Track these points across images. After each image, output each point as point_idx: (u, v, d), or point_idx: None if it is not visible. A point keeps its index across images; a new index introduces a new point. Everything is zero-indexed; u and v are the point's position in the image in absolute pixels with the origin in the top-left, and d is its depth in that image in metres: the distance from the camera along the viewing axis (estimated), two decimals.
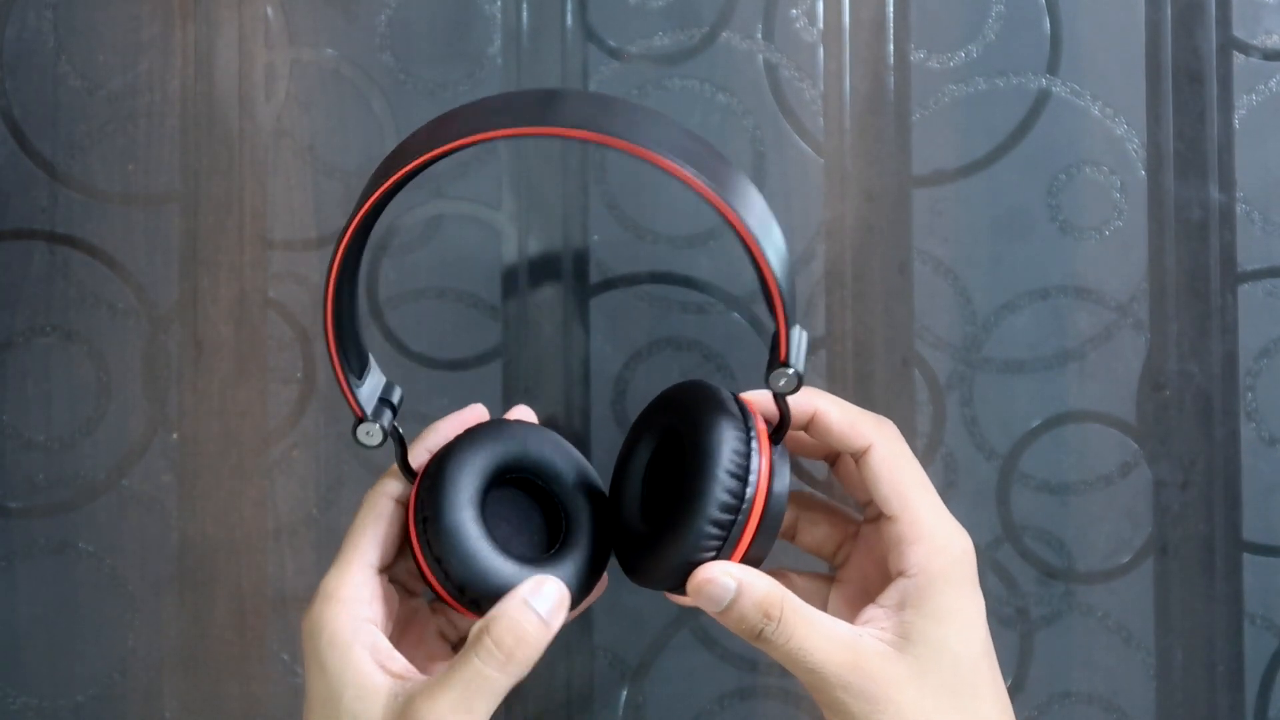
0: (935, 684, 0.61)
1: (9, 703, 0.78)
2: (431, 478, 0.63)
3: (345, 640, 0.61)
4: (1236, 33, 0.79)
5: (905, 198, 0.79)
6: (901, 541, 0.63)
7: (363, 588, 0.62)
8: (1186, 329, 0.79)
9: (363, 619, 0.62)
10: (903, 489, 0.64)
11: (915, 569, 0.62)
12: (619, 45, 0.79)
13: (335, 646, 0.61)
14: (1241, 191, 0.79)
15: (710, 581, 0.60)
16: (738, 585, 0.60)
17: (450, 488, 0.62)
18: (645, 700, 0.79)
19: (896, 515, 0.64)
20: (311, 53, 0.79)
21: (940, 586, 0.62)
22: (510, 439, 0.64)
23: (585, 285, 0.79)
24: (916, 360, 0.79)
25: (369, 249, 0.79)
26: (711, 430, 0.61)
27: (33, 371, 0.79)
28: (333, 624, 0.61)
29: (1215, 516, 0.78)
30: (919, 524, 0.63)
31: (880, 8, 0.79)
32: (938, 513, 0.64)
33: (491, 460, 0.63)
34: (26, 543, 0.79)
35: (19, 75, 0.79)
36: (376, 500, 0.64)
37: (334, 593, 0.62)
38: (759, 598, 0.60)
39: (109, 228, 0.79)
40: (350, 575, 0.62)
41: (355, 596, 0.62)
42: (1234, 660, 0.78)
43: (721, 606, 0.60)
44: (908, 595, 0.62)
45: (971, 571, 0.63)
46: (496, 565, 0.61)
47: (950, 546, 0.63)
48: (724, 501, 0.60)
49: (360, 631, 0.61)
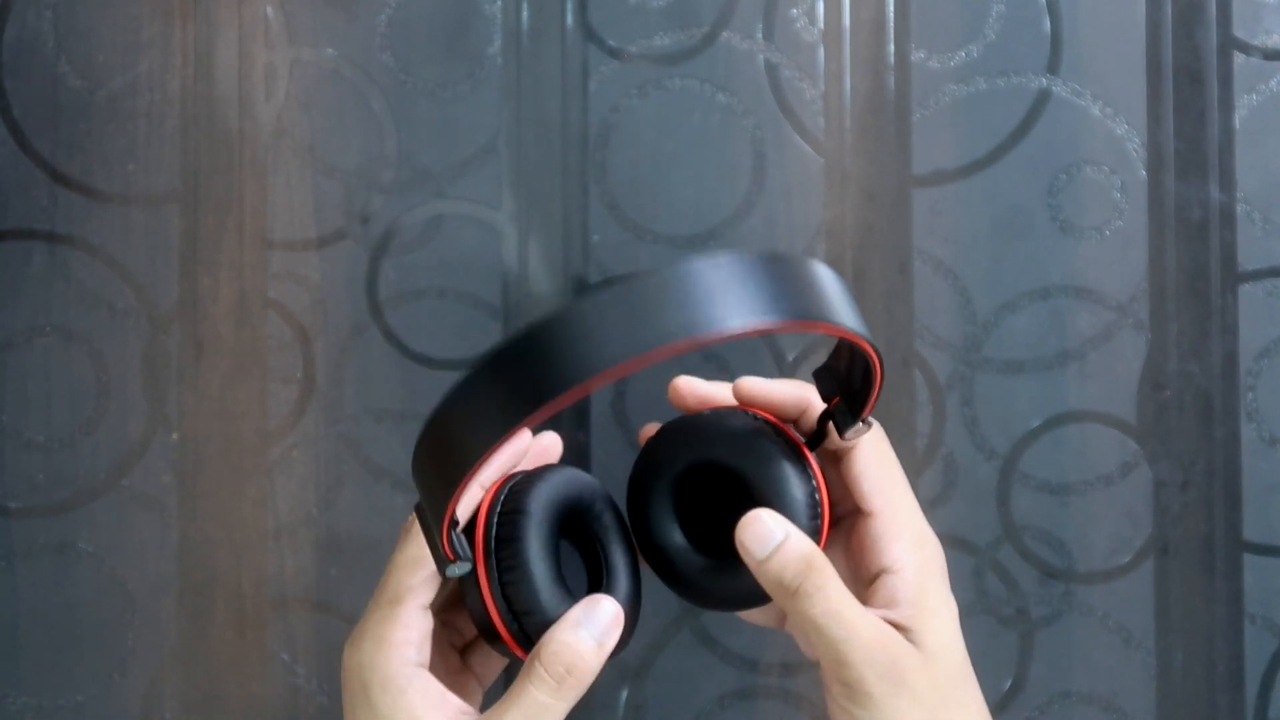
0: (939, 676, 0.61)
1: (9, 703, 0.78)
2: (511, 525, 0.61)
3: (400, 687, 0.60)
4: (1236, 33, 0.79)
5: (905, 198, 0.79)
6: (883, 538, 0.63)
7: (414, 630, 0.61)
8: (1186, 329, 0.79)
9: (417, 664, 0.61)
10: (886, 485, 0.64)
11: (899, 564, 0.63)
12: (619, 45, 0.79)
13: (389, 692, 0.60)
14: (1241, 191, 0.79)
15: (759, 521, 0.60)
16: (786, 534, 0.60)
17: (534, 535, 0.61)
18: (645, 700, 0.79)
19: (877, 511, 0.63)
20: (311, 53, 0.79)
21: (925, 583, 0.62)
22: (567, 488, 0.64)
23: (585, 285, 0.79)
24: (916, 360, 0.79)
25: (369, 249, 0.79)
26: (773, 462, 0.62)
27: (33, 371, 0.79)
28: (386, 669, 0.61)
29: (1215, 516, 0.78)
30: (900, 521, 0.63)
31: (880, 8, 0.79)
32: (916, 511, 0.64)
33: (559, 510, 0.63)
34: (26, 543, 0.79)
35: (19, 75, 0.79)
36: (420, 536, 0.62)
37: (385, 635, 0.61)
38: (806, 549, 0.60)
39: (109, 228, 0.79)
40: (404, 617, 0.61)
41: (407, 640, 0.61)
42: (1234, 660, 0.78)
43: (767, 550, 0.60)
44: (898, 592, 0.62)
45: (945, 571, 0.64)
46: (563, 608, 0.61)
47: (927, 544, 0.63)
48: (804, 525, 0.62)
49: (415, 678, 0.61)
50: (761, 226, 0.79)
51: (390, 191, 0.78)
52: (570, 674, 0.59)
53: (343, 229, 0.79)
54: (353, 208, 0.79)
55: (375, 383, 0.79)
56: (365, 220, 0.79)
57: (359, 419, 0.79)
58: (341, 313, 0.79)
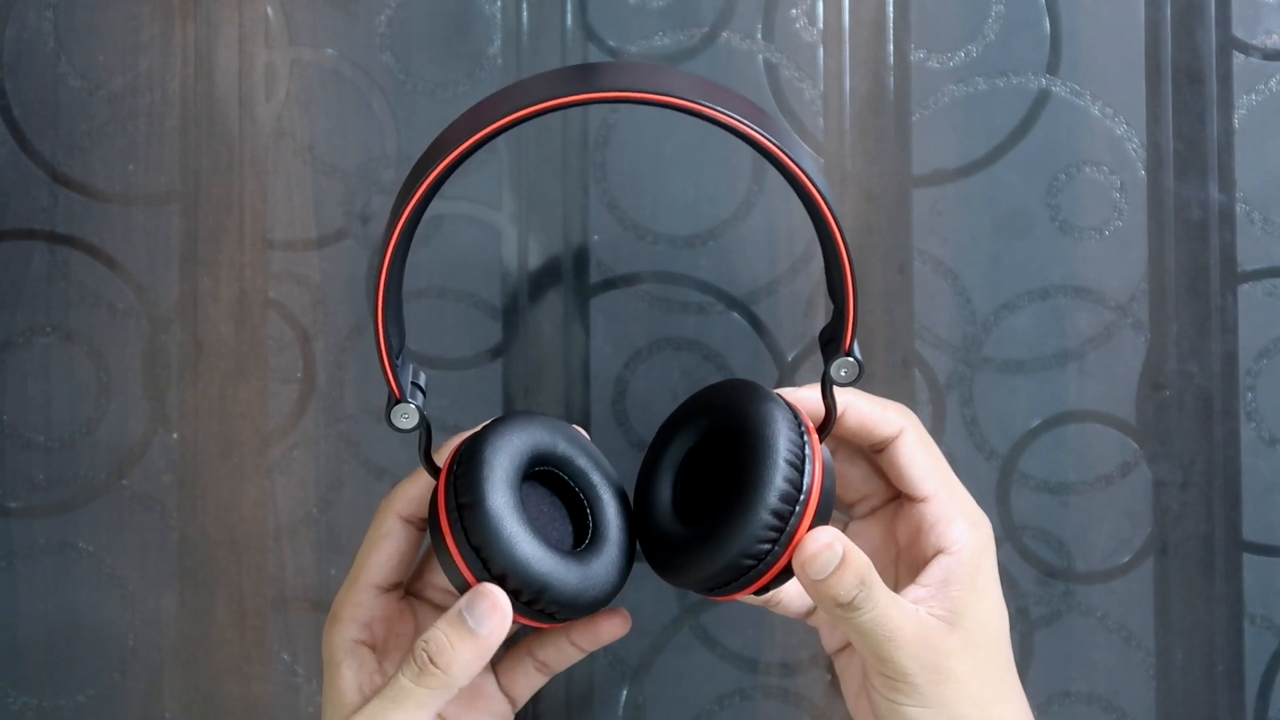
0: (983, 659, 0.62)
1: (9, 703, 0.78)
2: (466, 464, 0.60)
3: (337, 660, 0.63)
4: (1236, 33, 0.79)
5: (905, 198, 0.79)
6: (940, 521, 0.63)
7: (362, 608, 0.63)
8: (1186, 329, 0.79)
9: (356, 640, 0.63)
10: (936, 470, 0.64)
11: (958, 545, 0.63)
12: (619, 45, 0.79)
13: (331, 665, 0.63)
14: (1241, 191, 0.79)
15: (828, 547, 0.59)
16: (844, 551, 0.59)
17: (489, 471, 0.60)
18: (645, 700, 0.79)
19: (931, 495, 0.64)
20: (311, 53, 0.79)
21: (980, 563, 0.63)
22: (538, 430, 0.63)
23: (585, 285, 0.79)
24: (916, 360, 0.79)
25: (369, 249, 0.79)
26: (766, 423, 0.60)
27: (33, 371, 0.79)
28: (331, 643, 0.63)
29: (1215, 516, 0.78)
30: (956, 501, 0.64)
31: (880, 8, 0.79)
32: (966, 494, 0.65)
33: (523, 448, 0.62)
34: (26, 543, 0.79)
35: (19, 75, 0.79)
36: (384, 519, 0.63)
37: (337, 612, 0.63)
38: (860, 565, 0.59)
39: (109, 228, 0.79)
40: (353, 595, 0.63)
41: (353, 617, 0.63)
42: (1234, 660, 0.78)
43: (828, 573, 0.59)
44: (952, 572, 0.62)
45: (994, 551, 0.64)
46: (540, 553, 0.59)
47: (983, 525, 0.64)
48: (784, 491, 0.59)
49: (352, 653, 0.63)
50: (761, 226, 0.79)
51: (390, 191, 0.78)
52: (433, 663, 0.59)
53: (343, 229, 0.79)
54: (353, 208, 0.79)
55: (375, 383, 0.78)
56: (365, 220, 0.79)
57: (359, 419, 0.79)
58: (341, 313, 0.79)
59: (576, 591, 0.60)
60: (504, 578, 0.59)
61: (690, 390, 0.66)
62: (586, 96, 0.56)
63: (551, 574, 0.60)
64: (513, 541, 0.59)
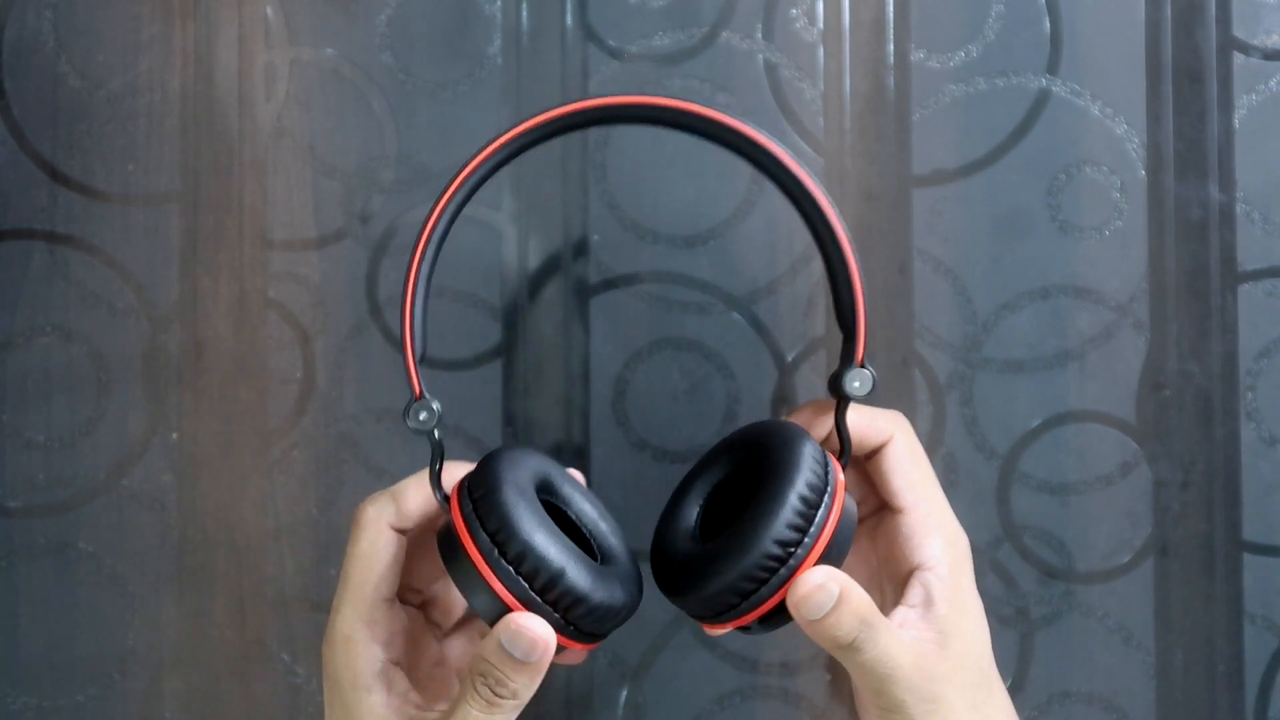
0: (970, 680, 0.61)
1: (9, 703, 0.78)
2: (487, 491, 0.60)
3: (365, 684, 0.61)
4: (1236, 33, 0.79)
5: (905, 198, 0.79)
6: (915, 534, 0.63)
7: (379, 626, 0.62)
8: (1186, 329, 0.79)
9: (384, 660, 0.62)
10: (918, 482, 0.64)
11: (934, 560, 0.62)
12: (619, 45, 0.79)
13: (357, 689, 0.61)
14: (1241, 191, 0.79)
15: (821, 588, 0.58)
16: (840, 591, 0.59)
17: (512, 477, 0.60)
18: (645, 700, 0.79)
19: (909, 507, 0.63)
20: (311, 52, 0.79)
21: (958, 579, 0.62)
22: (534, 461, 0.63)
23: (585, 285, 0.79)
24: (916, 360, 0.79)
25: (369, 249, 0.79)
26: (790, 458, 0.60)
27: (33, 371, 0.79)
28: (354, 667, 0.61)
29: (1215, 516, 0.78)
30: (934, 516, 0.63)
31: (880, 8, 0.79)
32: (947, 509, 0.64)
33: (531, 478, 0.62)
34: (26, 543, 0.79)
35: (19, 75, 0.79)
36: (376, 530, 0.62)
37: (350, 634, 0.61)
38: (860, 605, 0.59)
39: (109, 228, 0.79)
40: (365, 613, 0.62)
41: (372, 637, 0.61)
42: (1234, 660, 0.78)
43: (822, 613, 0.59)
44: (933, 589, 0.62)
45: (972, 568, 0.64)
46: (578, 569, 0.59)
47: (959, 541, 0.63)
48: (791, 521, 0.59)
49: (382, 675, 0.61)
50: (761, 226, 0.79)
51: (390, 191, 0.79)
52: (498, 695, 0.59)
53: (342, 229, 0.79)
54: (353, 208, 0.79)
55: (375, 383, 0.79)
56: (365, 220, 0.79)
57: (359, 419, 0.79)
58: (341, 313, 0.79)
59: (608, 604, 0.61)
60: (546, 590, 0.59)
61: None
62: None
63: (593, 590, 0.60)
64: (556, 561, 0.59)
